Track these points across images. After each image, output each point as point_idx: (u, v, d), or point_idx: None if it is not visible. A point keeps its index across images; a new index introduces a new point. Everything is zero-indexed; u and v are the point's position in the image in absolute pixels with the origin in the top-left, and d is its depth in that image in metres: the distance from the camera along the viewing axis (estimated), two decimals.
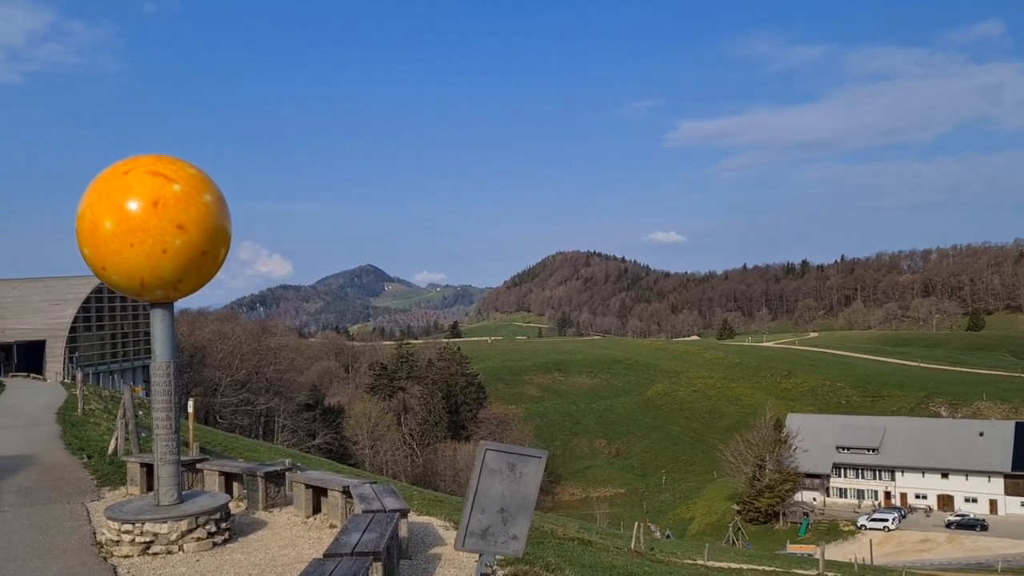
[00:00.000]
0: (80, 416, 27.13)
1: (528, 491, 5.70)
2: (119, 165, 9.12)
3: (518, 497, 5.73)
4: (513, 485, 5.70)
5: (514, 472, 5.64)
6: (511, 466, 5.65)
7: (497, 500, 5.74)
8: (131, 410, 16.14)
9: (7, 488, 13.40)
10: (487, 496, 5.72)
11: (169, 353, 9.55)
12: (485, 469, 5.69)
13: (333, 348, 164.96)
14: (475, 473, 5.66)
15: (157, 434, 9.52)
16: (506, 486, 5.71)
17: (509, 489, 5.71)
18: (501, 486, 5.71)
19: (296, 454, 59.04)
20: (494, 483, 5.70)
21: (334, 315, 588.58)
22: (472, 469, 5.54)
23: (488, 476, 5.70)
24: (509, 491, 5.71)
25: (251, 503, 11.40)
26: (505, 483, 5.71)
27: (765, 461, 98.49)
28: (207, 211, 9.12)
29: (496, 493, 5.72)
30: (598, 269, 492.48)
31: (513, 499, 5.73)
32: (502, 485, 5.71)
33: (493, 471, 5.69)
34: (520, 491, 5.71)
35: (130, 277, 9.01)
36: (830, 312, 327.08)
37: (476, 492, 5.70)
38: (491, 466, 5.70)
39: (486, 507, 5.72)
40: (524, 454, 5.74)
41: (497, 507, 5.73)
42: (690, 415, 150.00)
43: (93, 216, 8.87)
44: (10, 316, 69.57)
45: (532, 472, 5.64)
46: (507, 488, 5.71)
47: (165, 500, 9.44)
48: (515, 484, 5.69)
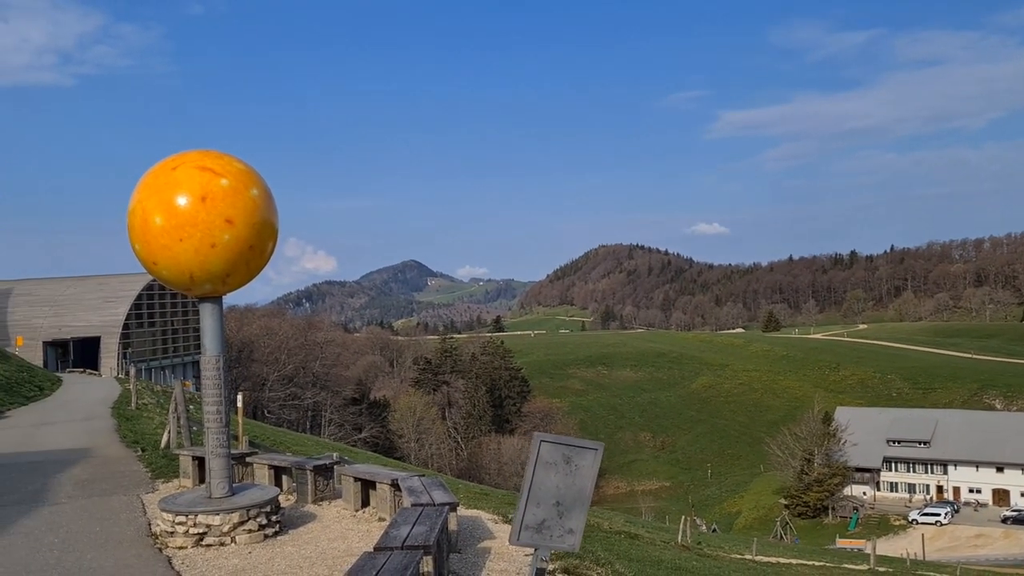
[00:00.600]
0: (134, 410, 27.62)
1: (584, 484, 5.58)
2: (167, 161, 9.22)
3: (574, 490, 5.61)
4: (569, 478, 5.59)
5: (570, 465, 5.53)
6: (567, 458, 5.54)
7: (552, 493, 5.63)
8: (182, 404, 16.37)
9: (66, 480, 13.67)
10: (542, 489, 5.61)
11: (218, 347, 9.64)
12: (540, 461, 5.59)
13: (378, 343, 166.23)
14: (530, 465, 5.57)
15: (208, 428, 9.62)
16: (561, 479, 5.60)
17: (565, 482, 5.60)
18: (556, 479, 5.60)
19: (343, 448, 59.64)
20: (549, 476, 5.60)
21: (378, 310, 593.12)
22: (527, 462, 5.44)
23: (543, 469, 5.60)
24: (565, 484, 5.60)
25: (300, 496, 11.48)
26: (560, 476, 5.59)
27: (814, 455, 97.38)
28: (254, 205, 9.18)
29: (551, 486, 5.61)
30: (641, 262, 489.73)
31: (569, 492, 5.61)
32: (557, 478, 5.60)
33: (548, 463, 5.58)
34: (576, 484, 5.59)
35: (180, 272, 9.10)
36: (879, 303, 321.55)
37: (531, 485, 5.60)
38: (546, 458, 5.59)
39: (541, 500, 5.62)
40: (580, 446, 5.62)
41: (552, 500, 5.62)
42: (736, 408, 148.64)
43: (143, 212, 8.98)
44: (66, 314, 71.07)
45: (588, 465, 5.52)
46: (562, 481, 5.60)
47: (217, 493, 9.54)
48: (571, 477, 5.58)
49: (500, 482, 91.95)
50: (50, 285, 76.24)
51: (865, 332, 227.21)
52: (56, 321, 70.23)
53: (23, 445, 18.70)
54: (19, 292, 74.54)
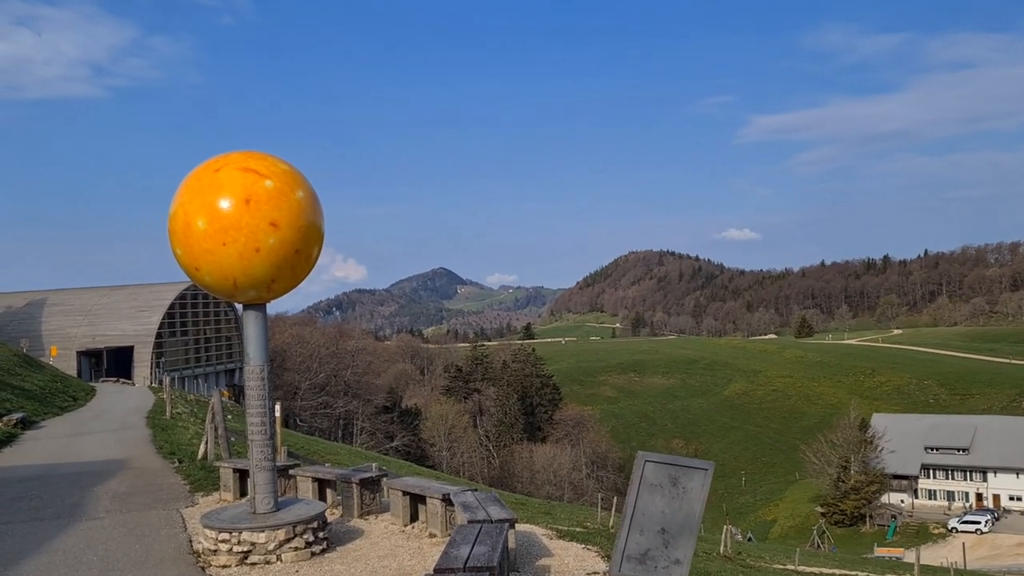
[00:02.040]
0: (168, 420, 27.48)
1: (692, 508, 4.96)
2: (210, 162, 8.85)
3: (681, 515, 4.99)
4: (675, 502, 4.96)
5: (676, 487, 4.91)
6: (673, 480, 4.93)
7: (657, 519, 5.01)
8: (220, 414, 16.05)
9: (103, 494, 13.37)
10: (646, 515, 5.00)
11: (263, 355, 9.25)
12: (644, 483, 4.99)
13: (408, 350, 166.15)
14: (632, 488, 4.97)
15: (252, 439, 9.21)
16: (667, 503, 4.98)
17: (671, 506, 4.97)
18: (662, 503, 4.98)
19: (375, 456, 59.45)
20: (654, 499, 4.98)
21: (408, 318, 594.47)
22: (629, 484, 4.84)
23: (647, 492, 4.99)
24: (671, 508, 4.98)
25: (346, 510, 11.03)
26: (666, 499, 4.98)
27: (850, 462, 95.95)
28: (300, 208, 8.77)
29: (656, 511, 4.99)
30: (671, 268, 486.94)
31: (675, 517, 4.98)
32: (663, 502, 4.98)
33: (653, 486, 4.97)
34: (683, 508, 4.96)
35: (223, 277, 8.71)
36: (914, 308, 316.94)
37: (634, 510, 5.00)
38: (650, 480, 4.99)
39: (645, 527, 4.99)
40: (688, 466, 5.04)
41: (657, 527, 5.00)
42: (769, 415, 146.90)
43: (185, 215, 8.60)
44: (100, 323, 71.54)
45: (697, 486, 4.88)
46: (668, 505, 4.98)
47: (262, 508, 9.13)
48: (678, 500, 4.95)
49: (532, 491, 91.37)
50: (84, 295, 76.85)
51: (900, 337, 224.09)
52: (90, 331, 70.71)
53: (59, 456, 18.50)
54: (53, 302, 75.22)
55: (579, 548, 9.95)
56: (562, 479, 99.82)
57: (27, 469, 16.60)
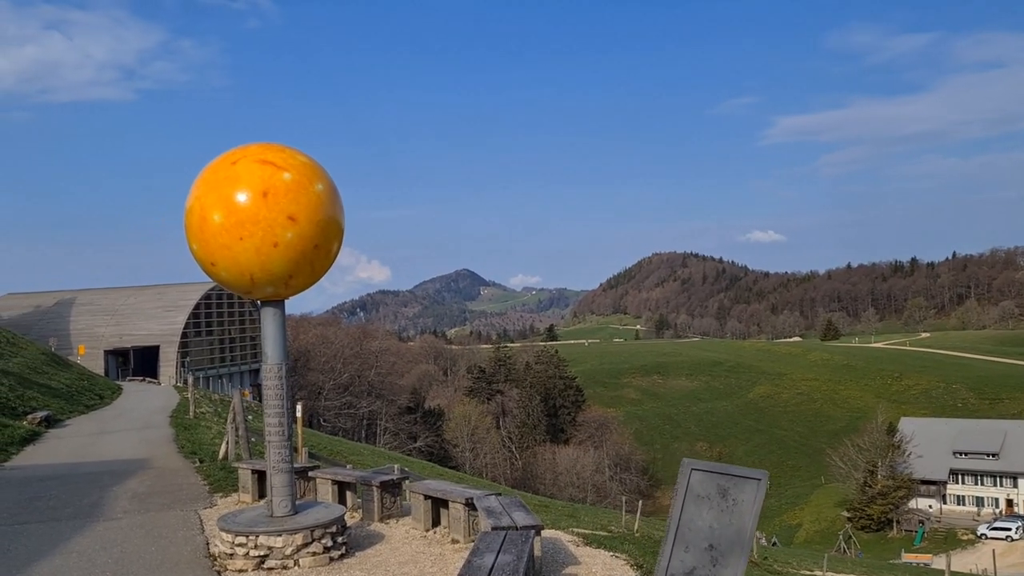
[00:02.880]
0: (192, 419, 27.41)
1: (743, 523, 4.49)
2: (227, 155, 8.59)
3: (731, 530, 4.53)
4: (725, 515, 4.53)
5: (726, 499, 4.50)
6: (722, 491, 4.52)
7: (705, 534, 4.59)
8: (241, 414, 15.86)
9: (122, 493, 13.19)
10: (692, 529, 4.59)
11: (281, 354, 8.98)
12: (690, 494, 4.59)
13: (431, 351, 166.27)
14: (677, 500, 4.62)
15: (269, 441, 8.94)
16: (716, 516, 4.55)
17: (720, 520, 4.54)
18: (710, 516, 4.56)
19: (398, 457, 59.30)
20: (701, 512, 4.58)
21: (431, 319, 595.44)
22: (674, 495, 4.45)
23: (693, 504, 4.59)
24: (720, 523, 4.53)
25: (366, 514, 10.75)
26: (714, 512, 4.55)
27: (877, 467, 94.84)
28: (319, 201, 8.48)
29: (703, 525, 4.57)
30: (695, 270, 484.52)
31: (725, 533, 4.54)
32: (711, 515, 4.56)
33: (700, 497, 4.56)
34: (734, 523, 4.51)
35: (240, 273, 8.44)
36: (941, 311, 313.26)
37: (679, 524, 4.61)
38: (697, 491, 4.57)
39: (691, 543, 4.59)
40: (739, 475, 4.60)
41: (704, 543, 4.58)
42: (795, 418, 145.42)
43: (201, 209, 8.34)
44: (127, 323, 72.00)
45: (749, 499, 4.48)
46: (717, 519, 4.54)
47: (279, 511, 8.85)
48: (727, 514, 4.52)
49: (555, 492, 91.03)
50: (111, 295, 77.40)
51: (928, 341, 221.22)
52: (117, 330, 71.16)
53: (81, 455, 18.39)
54: (81, 302, 75.82)
55: (607, 556, 9.61)
56: (585, 481, 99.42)
57: (48, 468, 16.49)
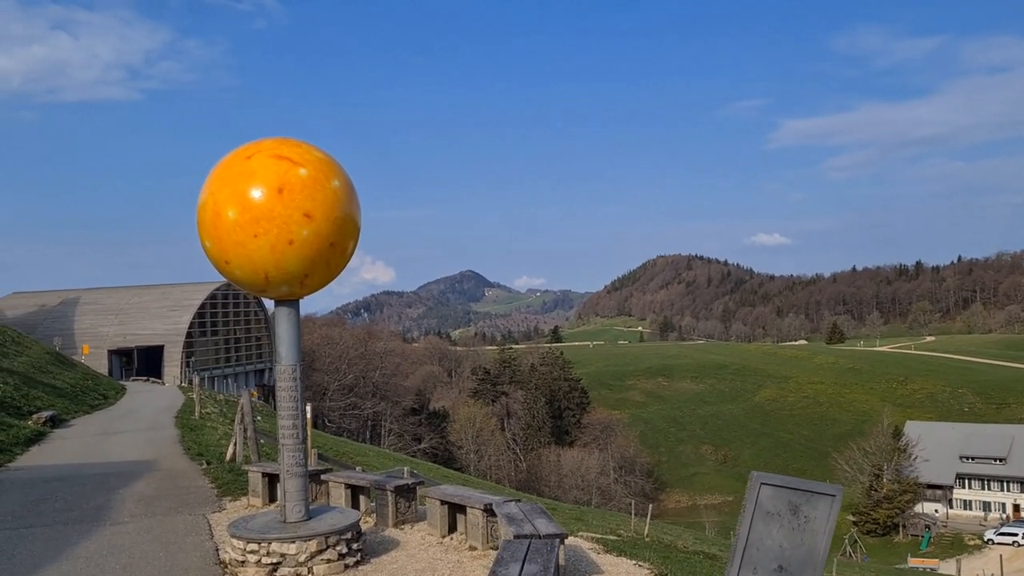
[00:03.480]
0: (197, 420, 27.17)
1: (816, 542, 4.18)
2: (242, 150, 8.33)
3: (803, 550, 4.20)
4: (796, 534, 4.20)
5: (797, 516, 4.16)
6: (793, 507, 4.18)
7: (774, 555, 4.24)
8: (249, 415, 15.60)
9: (128, 496, 12.94)
10: (761, 548, 4.23)
11: (295, 355, 8.72)
12: (758, 511, 4.24)
13: (436, 353, 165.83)
14: (745, 517, 4.26)
15: (283, 444, 8.67)
16: (786, 535, 4.21)
17: (791, 539, 4.20)
18: (780, 535, 4.23)
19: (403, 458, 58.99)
20: (771, 530, 4.23)
21: (435, 320, 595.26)
22: (741, 511, 4.09)
23: (762, 520, 4.23)
24: (791, 542, 4.20)
25: (380, 519, 10.47)
26: (785, 530, 4.22)
27: (883, 470, 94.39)
28: (336, 198, 8.22)
29: (773, 544, 4.23)
30: (700, 273, 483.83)
31: (796, 553, 4.20)
32: (781, 533, 4.23)
33: (769, 514, 4.21)
34: (805, 542, 4.19)
35: (254, 271, 8.18)
36: (947, 315, 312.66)
37: (746, 543, 4.25)
38: (767, 506, 4.22)
39: (759, 564, 4.23)
40: (812, 491, 4.29)
41: (774, 564, 4.25)
42: (800, 422, 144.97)
43: (215, 205, 8.08)
44: (131, 322, 71.82)
45: (822, 516, 4.18)
46: (788, 538, 4.21)
47: (292, 516, 8.59)
48: (799, 533, 4.19)
49: (560, 495, 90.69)
50: (116, 294, 77.23)
51: (933, 345, 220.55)
52: (121, 330, 70.97)
53: (86, 456, 18.16)
54: (86, 301, 75.64)
55: (630, 564, 9.33)
56: (590, 483, 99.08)
57: (54, 469, 16.26)
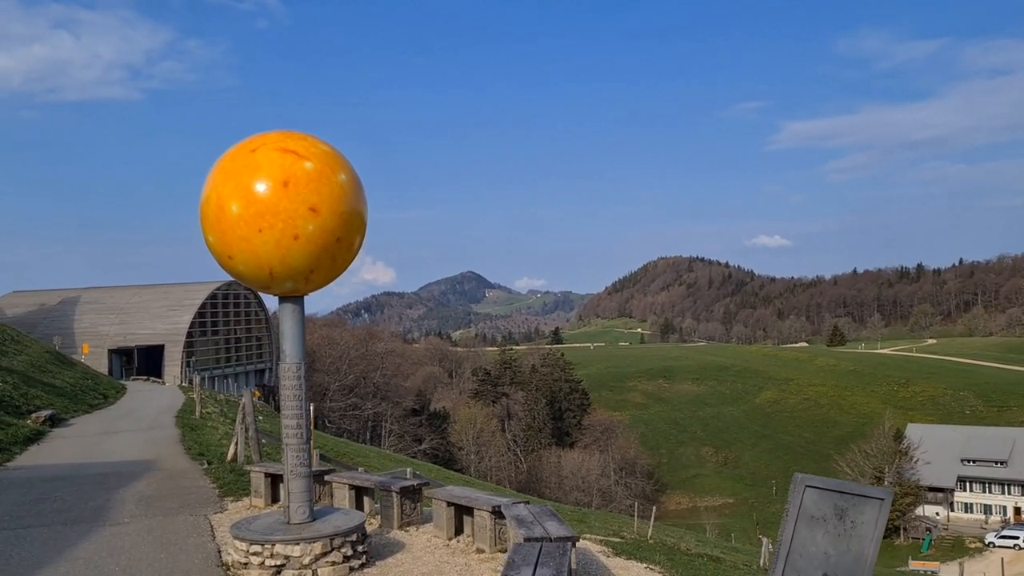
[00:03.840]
0: (198, 419, 26.99)
1: (863, 548, 3.94)
2: (246, 142, 8.15)
3: (849, 557, 3.95)
4: (842, 540, 3.97)
5: (843, 520, 3.96)
6: (839, 512, 3.97)
7: (819, 562, 4.01)
8: (251, 415, 15.41)
9: (129, 497, 12.75)
10: (804, 555, 4.01)
11: (300, 353, 8.54)
12: (803, 515, 4.06)
13: (437, 353, 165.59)
14: (788, 521, 4.10)
15: (287, 443, 8.48)
16: (831, 541, 4.00)
17: (836, 546, 3.97)
18: (825, 541, 4.01)
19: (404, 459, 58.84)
20: (815, 536, 4.02)
21: (436, 321, 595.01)
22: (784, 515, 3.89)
23: (807, 525, 4.04)
24: (836, 549, 3.96)
25: (385, 520, 10.28)
26: (830, 537, 4.00)
27: (884, 473, 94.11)
28: (342, 192, 8.05)
29: (817, 551, 4.00)
30: (701, 274, 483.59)
31: (842, 561, 3.96)
32: (826, 540, 4.01)
33: (814, 519, 4.02)
34: (852, 549, 3.94)
35: (258, 267, 8.00)
36: (948, 318, 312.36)
37: (789, 549, 4.05)
38: (811, 511, 4.04)
39: (803, 572, 4.00)
40: (859, 494, 4.10)
41: (818, 572, 4.01)
42: (801, 424, 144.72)
43: (218, 199, 7.90)
44: (132, 322, 71.59)
45: (869, 521, 3.99)
46: (833, 544, 3.99)
47: (296, 518, 8.40)
48: (845, 539, 3.96)
49: (560, 496, 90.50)
50: (116, 293, 77.02)
51: (934, 347, 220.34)
52: (121, 329, 70.76)
53: (86, 455, 17.98)
54: (86, 300, 75.43)
55: (641, 568, 9.15)
56: (590, 485, 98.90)
57: (53, 469, 16.08)
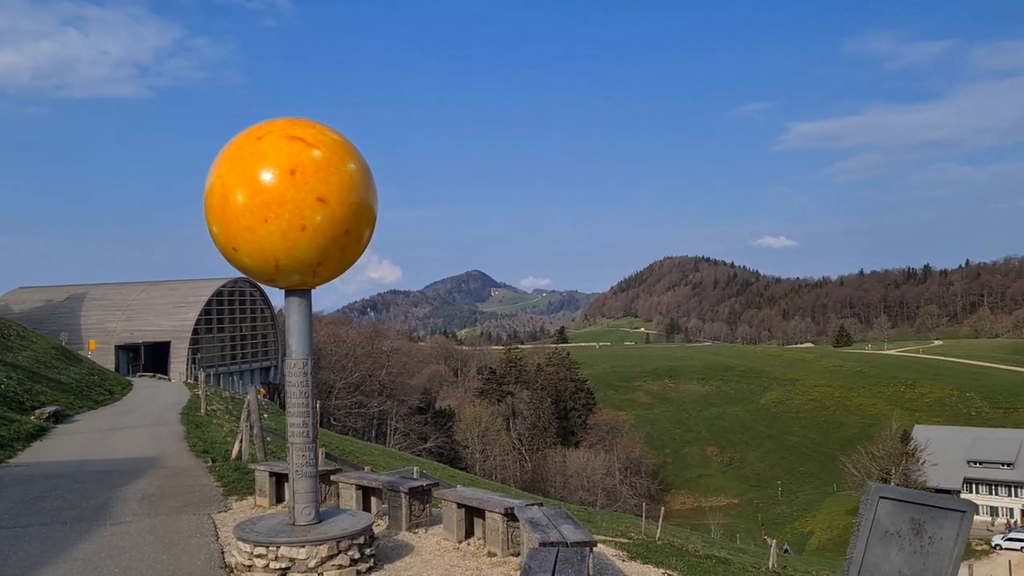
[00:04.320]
0: (203, 416, 26.79)
1: (942, 567, 3.55)
2: (252, 130, 7.87)
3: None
4: (919, 558, 3.60)
5: (920, 535, 3.57)
6: (916, 526, 3.58)
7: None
8: (256, 412, 15.15)
9: (131, 495, 12.48)
10: (876, 574, 3.63)
11: (306, 348, 8.26)
12: (875, 529, 3.64)
13: (442, 352, 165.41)
14: (860, 536, 3.71)
15: (293, 442, 8.19)
16: (907, 558, 3.63)
17: (912, 564, 3.61)
18: (899, 558, 3.64)
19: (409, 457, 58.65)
20: (889, 552, 3.64)
21: (441, 320, 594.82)
22: (855, 528, 3.52)
23: (879, 540, 3.64)
24: (912, 567, 3.61)
25: (392, 522, 9.98)
26: (906, 554, 3.63)
27: (891, 475, 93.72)
28: (351, 182, 7.75)
29: (891, 570, 3.64)
30: (707, 274, 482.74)
31: None
32: (901, 557, 3.64)
33: (888, 533, 3.62)
34: (930, 567, 3.56)
35: (264, 259, 7.71)
36: (954, 319, 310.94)
37: (860, 567, 3.64)
38: (885, 524, 3.63)
39: None
40: (938, 506, 3.62)
41: None
42: (807, 424, 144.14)
43: (223, 188, 7.60)
44: (138, 318, 71.57)
45: (949, 536, 3.53)
46: (909, 562, 3.63)
47: (301, 519, 8.12)
48: (922, 556, 3.58)
49: (565, 495, 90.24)
50: (123, 290, 77.00)
51: (941, 349, 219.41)
52: (128, 325, 70.73)
53: (89, 452, 17.73)
54: (93, 296, 75.42)
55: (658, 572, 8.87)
56: (595, 484, 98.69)
57: (55, 466, 15.83)
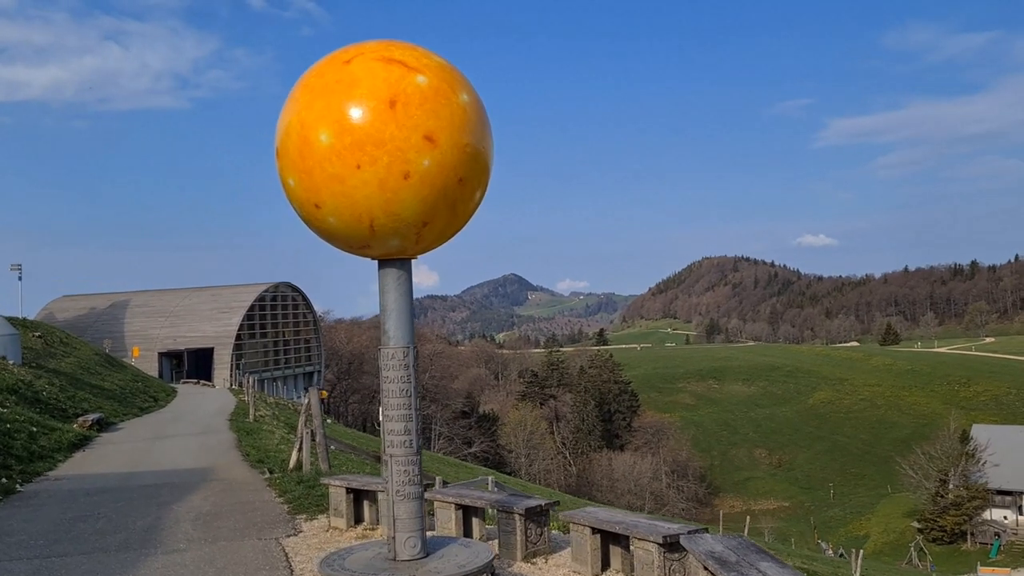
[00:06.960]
0: (252, 423, 25.44)
1: None
2: (339, 53, 6.05)
3: None
4: None
5: None
6: None
7: None
8: (319, 417, 13.49)
9: (184, 514, 10.82)
10: None
11: (408, 335, 6.46)
12: None
13: (483, 356, 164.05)
14: None
15: (392, 454, 6.32)
16: None
17: None
18: None
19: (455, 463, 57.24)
20: None
21: (479, 324, 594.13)
22: None
23: None
24: None
25: (504, 549, 8.09)
26: None
27: (949, 476, 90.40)
28: (465, 117, 5.87)
29: None
30: (746, 274, 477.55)
31: None
32: None
33: None
34: None
35: (355, 217, 5.83)
36: (1004, 316, 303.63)
37: None
38: None
39: None
40: None
41: None
42: (857, 425, 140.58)
43: (302, 127, 5.78)
44: (181, 324, 70.98)
45: None
46: None
47: (405, 553, 6.23)
48: None
49: (612, 500, 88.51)
50: (165, 297, 76.58)
51: (993, 346, 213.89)
52: (171, 332, 70.14)
53: (135, 463, 16.23)
54: (136, 303, 75.13)
55: None
56: (643, 488, 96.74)
57: (98, 479, 14.34)
